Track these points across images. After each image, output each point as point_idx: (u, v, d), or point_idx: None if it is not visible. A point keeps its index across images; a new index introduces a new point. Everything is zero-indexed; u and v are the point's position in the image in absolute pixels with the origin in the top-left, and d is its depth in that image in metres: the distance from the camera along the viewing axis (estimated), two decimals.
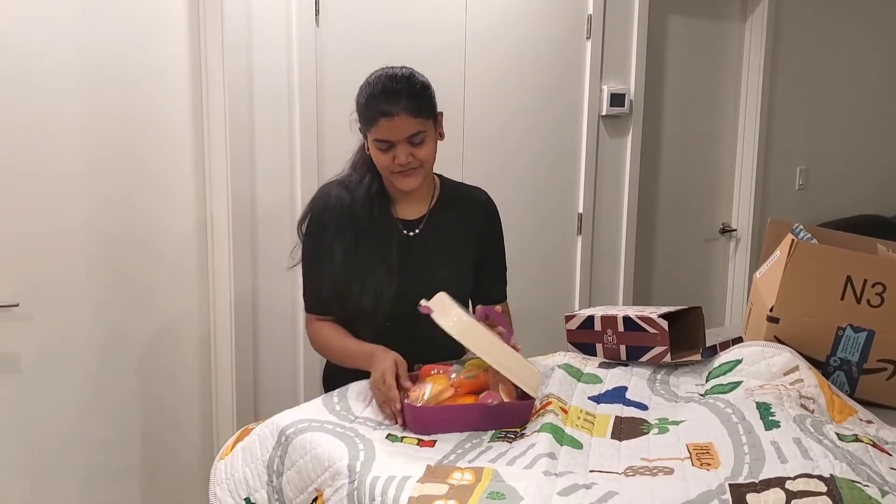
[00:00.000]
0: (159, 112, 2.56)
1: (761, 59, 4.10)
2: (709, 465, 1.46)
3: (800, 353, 1.93)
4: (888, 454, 1.53)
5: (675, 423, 1.69)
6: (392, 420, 1.68)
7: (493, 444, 1.58)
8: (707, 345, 2.11)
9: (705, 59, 4.03)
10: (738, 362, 1.93)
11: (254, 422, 1.78)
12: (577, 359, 2.07)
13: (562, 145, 3.44)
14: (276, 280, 2.69)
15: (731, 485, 1.34)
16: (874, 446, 1.54)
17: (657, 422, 1.72)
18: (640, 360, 2.07)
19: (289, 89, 2.68)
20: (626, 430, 1.68)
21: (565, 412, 1.70)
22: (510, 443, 1.58)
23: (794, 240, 2.02)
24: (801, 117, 4.39)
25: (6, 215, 2.34)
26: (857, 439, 1.55)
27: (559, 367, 1.98)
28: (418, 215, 2.00)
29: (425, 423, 1.63)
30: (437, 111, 1.90)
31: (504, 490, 1.35)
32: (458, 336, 1.63)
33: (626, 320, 2.05)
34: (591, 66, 3.44)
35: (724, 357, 1.99)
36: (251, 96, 2.61)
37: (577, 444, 1.57)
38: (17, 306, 2.38)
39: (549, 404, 1.70)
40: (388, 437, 1.60)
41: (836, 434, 1.57)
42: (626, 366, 2.07)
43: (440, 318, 1.65)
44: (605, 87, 3.49)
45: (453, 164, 2.98)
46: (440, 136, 1.92)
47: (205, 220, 2.68)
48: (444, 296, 1.72)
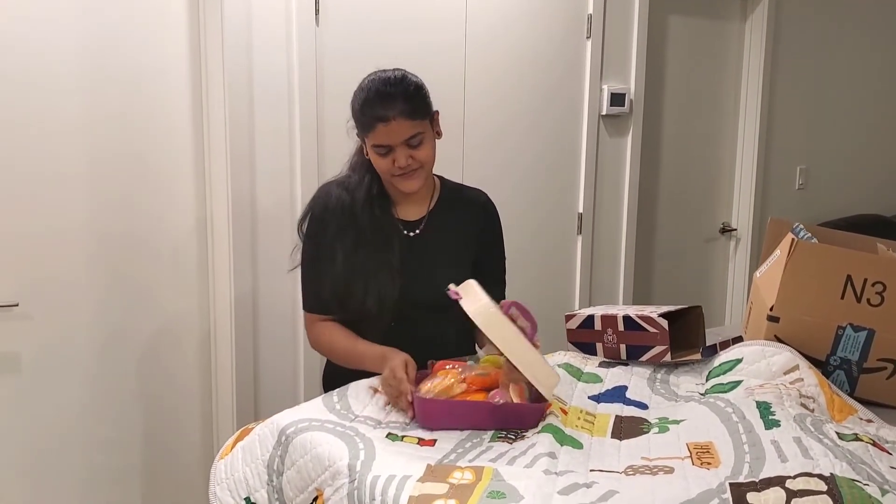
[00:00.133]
0: (159, 112, 2.56)
1: (761, 59, 4.10)
2: (709, 464, 1.46)
3: (800, 353, 1.93)
4: (888, 453, 1.53)
5: (676, 422, 1.69)
6: (405, 413, 1.67)
7: (493, 443, 1.58)
8: (707, 344, 2.11)
9: (705, 59, 4.03)
10: (739, 361, 1.93)
11: (254, 421, 1.78)
12: (577, 358, 2.07)
13: (562, 145, 3.44)
14: (276, 280, 2.69)
15: (731, 484, 1.34)
16: (874, 445, 1.54)
17: (657, 421, 1.72)
18: (641, 359, 2.07)
19: (289, 89, 2.68)
20: (626, 429, 1.68)
21: (565, 413, 1.70)
22: (510, 443, 1.58)
23: (794, 239, 2.02)
24: (802, 117, 4.39)
25: (6, 215, 2.35)
26: (857, 438, 1.55)
27: (559, 366, 1.98)
28: (418, 216, 1.99)
29: (433, 415, 1.63)
30: (433, 110, 1.90)
31: (504, 489, 1.35)
32: (482, 325, 1.60)
33: (627, 320, 2.05)
34: (592, 66, 3.44)
35: (725, 356, 1.99)
36: (251, 96, 2.61)
37: (577, 444, 1.57)
38: (17, 306, 2.38)
39: (550, 405, 1.69)
40: (388, 436, 1.60)
41: (837, 433, 1.57)
42: (626, 365, 2.07)
43: (468, 304, 1.62)
44: (605, 87, 3.49)
45: (453, 164, 2.98)
46: (437, 134, 1.92)
47: (205, 220, 2.69)
48: (473, 283, 1.68)
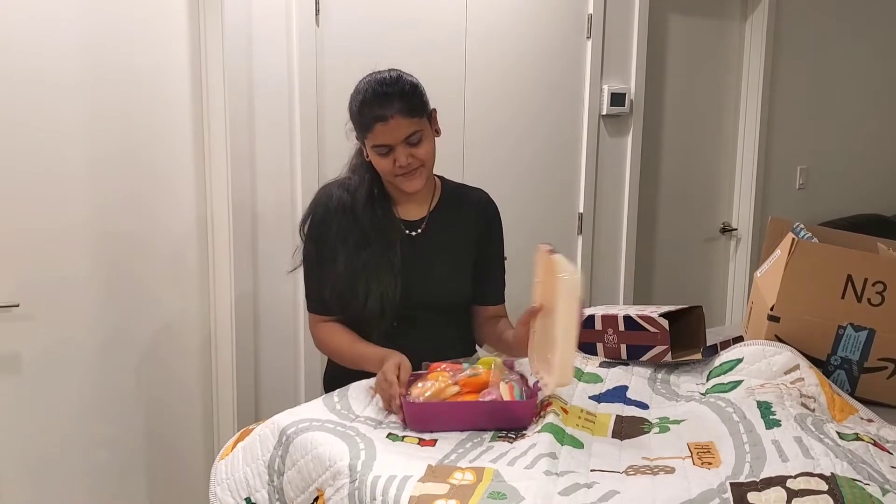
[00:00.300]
0: (160, 111, 2.56)
1: (762, 59, 4.10)
2: (710, 463, 1.46)
3: (800, 352, 1.93)
4: (889, 453, 1.53)
5: (676, 422, 1.70)
6: (397, 417, 1.67)
7: (493, 443, 1.58)
8: (708, 344, 2.11)
9: (706, 59, 4.03)
10: (739, 361, 1.93)
11: (255, 422, 1.78)
12: (577, 358, 2.07)
13: (562, 145, 3.44)
14: (277, 279, 2.69)
15: (732, 484, 1.34)
16: (875, 445, 1.54)
17: (658, 421, 1.72)
18: (641, 359, 2.07)
19: (289, 88, 2.68)
20: (626, 429, 1.68)
21: (566, 412, 1.70)
22: (511, 443, 1.58)
23: (794, 239, 2.02)
24: (802, 116, 4.39)
25: (6, 215, 2.34)
26: (857, 438, 1.55)
27: None
28: (420, 216, 1.99)
29: (421, 419, 1.63)
30: (430, 108, 1.90)
31: (505, 490, 1.35)
32: (567, 288, 1.57)
33: (627, 319, 2.05)
34: (592, 66, 3.44)
35: (725, 356, 1.99)
36: (251, 95, 2.61)
37: (577, 444, 1.57)
38: (18, 306, 2.38)
39: (550, 404, 1.69)
40: (389, 436, 1.60)
41: (837, 433, 1.57)
42: (626, 365, 2.07)
43: (563, 261, 1.61)
44: (605, 87, 3.49)
45: (454, 164, 2.98)
46: (436, 132, 1.92)
47: (205, 220, 2.69)
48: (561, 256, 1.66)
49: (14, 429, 2.43)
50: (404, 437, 1.61)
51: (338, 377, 1.95)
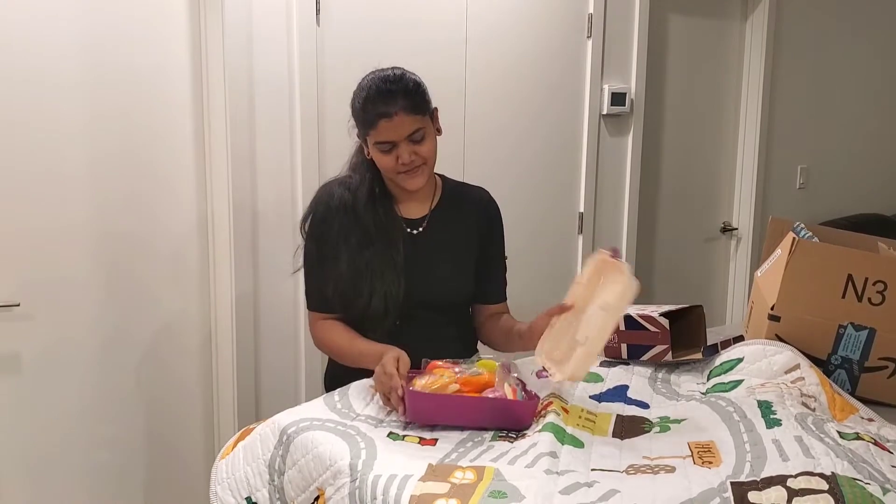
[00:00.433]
0: (160, 111, 2.56)
1: (762, 58, 4.10)
2: (710, 463, 1.46)
3: (801, 352, 1.93)
4: (889, 452, 1.53)
5: (677, 421, 1.70)
6: (396, 409, 1.67)
7: (494, 443, 1.58)
8: (708, 343, 2.11)
9: (706, 58, 4.03)
10: (740, 361, 1.93)
11: (255, 421, 1.78)
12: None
13: (563, 144, 3.44)
14: (278, 278, 2.69)
15: (732, 483, 1.34)
16: (875, 444, 1.54)
17: (658, 420, 1.72)
18: (642, 358, 2.07)
19: (290, 88, 2.68)
20: (627, 428, 1.68)
21: (566, 412, 1.70)
22: (511, 442, 1.58)
23: (795, 238, 2.02)
24: (802, 116, 4.39)
25: (7, 215, 2.35)
26: (858, 437, 1.55)
27: None
28: (421, 214, 1.99)
29: (426, 410, 1.63)
30: (432, 107, 1.91)
31: (506, 489, 1.35)
32: (629, 290, 1.70)
33: (628, 319, 2.05)
34: (592, 65, 3.44)
35: (726, 355, 1.99)
36: (252, 95, 2.61)
37: (578, 443, 1.57)
38: (19, 306, 2.38)
39: (551, 404, 1.69)
40: (389, 435, 1.60)
41: (838, 432, 1.57)
42: (627, 364, 2.07)
43: (623, 266, 1.73)
44: (605, 86, 3.49)
45: (454, 163, 2.98)
46: (438, 131, 1.93)
47: (206, 219, 2.69)
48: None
49: (14, 429, 2.43)
50: (405, 436, 1.61)
51: (338, 376, 1.95)
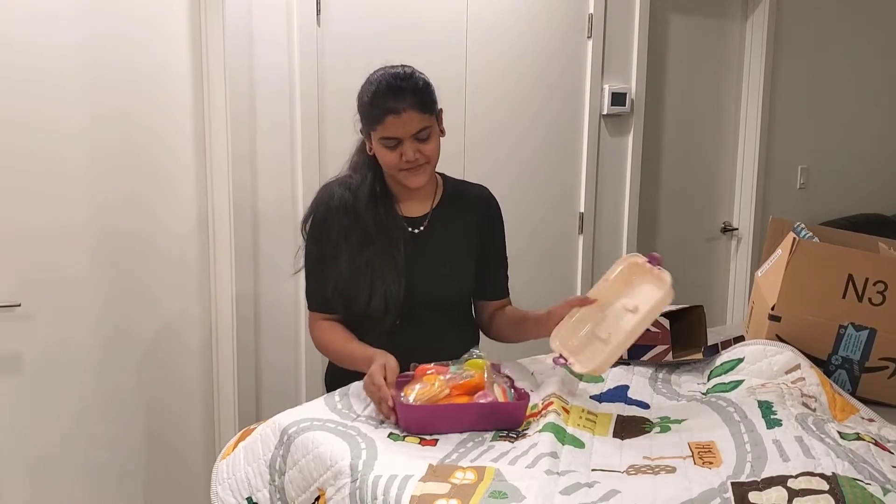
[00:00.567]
0: (160, 111, 2.56)
1: (762, 58, 4.10)
2: (711, 463, 1.46)
3: (801, 352, 1.93)
4: (890, 452, 1.53)
5: (677, 421, 1.70)
6: (388, 419, 1.67)
7: (494, 443, 1.58)
8: (708, 343, 2.11)
9: (706, 58, 4.03)
10: (740, 361, 1.93)
11: (256, 421, 1.78)
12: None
13: (563, 144, 3.44)
14: (278, 278, 2.69)
15: (733, 483, 1.34)
16: (876, 444, 1.54)
17: (659, 420, 1.72)
18: (642, 358, 2.07)
19: (290, 88, 2.68)
20: (627, 428, 1.68)
21: (567, 412, 1.70)
22: (512, 442, 1.58)
23: (795, 238, 2.02)
24: (803, 116, 4.39)
25: (7, 215, 2.34)
26: (858, 437, 1.55)
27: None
28: (422, 213, 1.99)
29: (418, 421, 1.63)
30: (438, 108, 1.91)
31: (506, 489, 1.35)
32: (665, 297, 1.71)
33: None
34: (593, 65, 3.44)
35: (726, 356, 1.99)
36: (252, 95, 2.61)
37: (578, 443, 1.57)
38: (19, 306, 2.38)
39: (551, 404, 1.70)
40: (389, 435, 1.60)
41: (838, 432, 1.57)
42: (627, 365, 2.07)
43: (663, 273, 1.74)
44: (606, 86, 3.49)
45: (454, 163, 2.98)
46: (442, 132, 1.93)
47: (206, 219, 2.68)
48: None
49: (14, 429, 2.43)
50: (405, 436, 1.61)
51: (339, 377, 1.95)
